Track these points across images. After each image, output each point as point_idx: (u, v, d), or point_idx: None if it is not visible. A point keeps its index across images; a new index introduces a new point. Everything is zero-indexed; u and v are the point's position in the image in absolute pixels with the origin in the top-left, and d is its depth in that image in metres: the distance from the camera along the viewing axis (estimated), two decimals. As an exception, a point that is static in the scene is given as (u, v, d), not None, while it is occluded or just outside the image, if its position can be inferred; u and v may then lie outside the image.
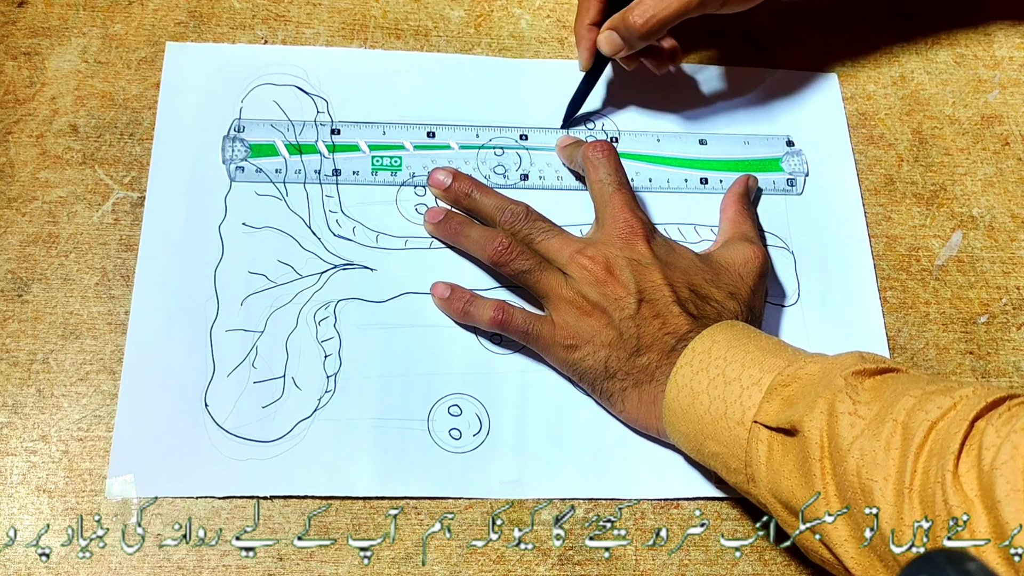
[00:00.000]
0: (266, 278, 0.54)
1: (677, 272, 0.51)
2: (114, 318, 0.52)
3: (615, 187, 0.54)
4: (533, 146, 0.59)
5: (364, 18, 0.62)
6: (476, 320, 0.53)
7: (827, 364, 0.45)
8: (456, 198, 0.56)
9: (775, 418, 0.44)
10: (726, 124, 0.62)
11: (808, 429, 0.43)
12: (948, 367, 0.56)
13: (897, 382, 0.43)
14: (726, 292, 0.52)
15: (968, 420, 0.39)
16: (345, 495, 0.49)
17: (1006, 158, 0.63)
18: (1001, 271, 0.59)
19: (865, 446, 0.41)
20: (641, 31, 0.54)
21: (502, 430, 0.52)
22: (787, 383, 0.45)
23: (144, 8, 0.61)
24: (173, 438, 0.50)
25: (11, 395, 0.50)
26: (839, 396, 0.43)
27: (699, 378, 0.47)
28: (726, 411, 0.46)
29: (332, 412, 0.51)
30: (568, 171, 0.59)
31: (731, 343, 0.48)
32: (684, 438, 0.48)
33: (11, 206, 0.54)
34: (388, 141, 0.58)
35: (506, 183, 0.58)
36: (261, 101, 0.59)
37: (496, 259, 0.53)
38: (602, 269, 0.51)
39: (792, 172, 0.60)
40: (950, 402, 0.40)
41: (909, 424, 0.40)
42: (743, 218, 0.56)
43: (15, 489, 0.48)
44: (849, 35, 0.65)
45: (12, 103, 0.57)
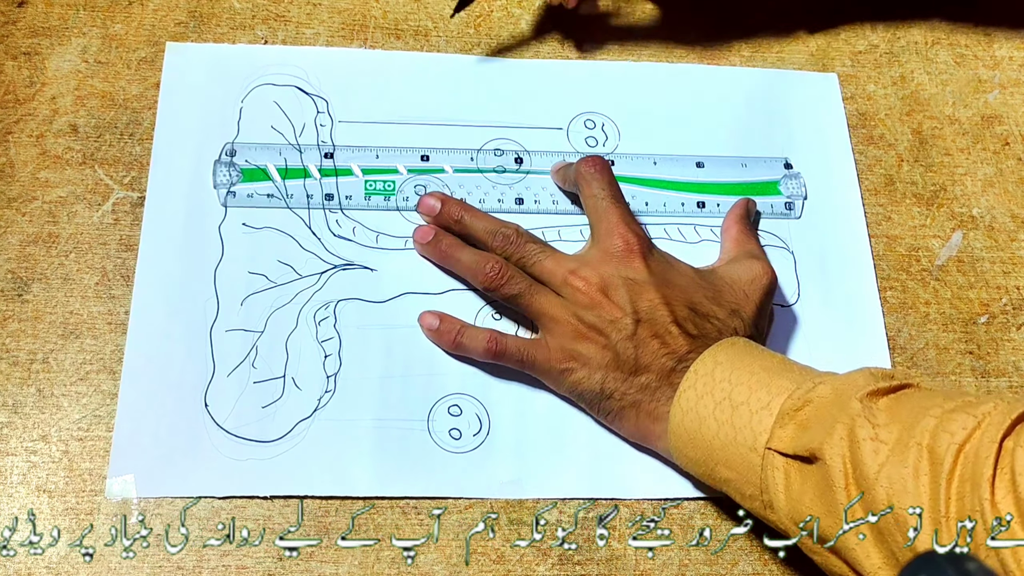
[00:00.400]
0: (266, 278, 0.54)
1: (675, 290, 0.51)
2: (114, 318, 0.52)
3: (609, 201, 0.53)
4: (529, 169, 0.59)
5: (364, 18, 0.62)
6: (469, 351, 0.52)
7: (839, 385, 0.44)
8: (446, 223, 0.55)
9: (790, 445, 0.43)
10: (726, 124, 0.62)
11: (829, 457, 0.42)
12: (948, 367, 0.56)
13: (912, 400, 0.42)
14: (729, 309, 0.51)
15: (996, 442, 0.38)
16: (345, 495, 0.49)
17: (1006, 158, 0.63)
18: (1001, 271, 0.59)
19: (893, 474, 0.40)
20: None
21: (502, 430, 0.52)
22: (799, 407, 0.44)
23: (144, 8, 0.61)
24: (173, 438, 0.50)
25: (11, 395, 0.50)
26: (858, 421, 0.42)
27: (704, 402, 0.46)
28: (736, 436, 0.45)
29: (332, 412, 0.51)
30: (563, 194, 0.58)
31: (735, 364, 0.47)
32: (693, 463, 0.48)
33: (11, 206, 0.54)
34: (381, 165, 0.57)
35: (500, 208, 0.57)
36: (261, 101, 0.59)
37: (488, 284, 0.52)
38: (597, 290, 0.50)
39: (790, 195, 0.60)
40: (973, 421, 0.39)
41: (935, 448, 0.39)
42: (746, 237, 0.56)
43: (15, 489, 0.48)
44: (849, 35, 0.65)
45: (12, 103, 0.57)
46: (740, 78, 0.63)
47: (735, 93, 0.63)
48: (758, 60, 0.64)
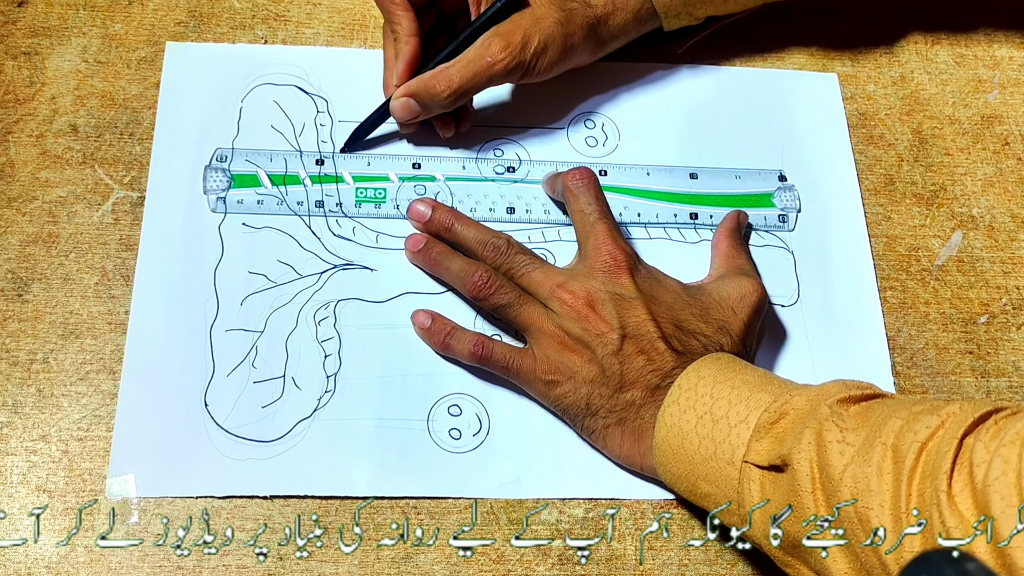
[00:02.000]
0: (266, 278, 0.54)
1: (662, 307, 0.50)
2: (114, 318, 0.52)
3: (597, 216, 0.53)
4: (520, 179, 0.58)
5: (364, 18, 0.62)
6: (456, 353, 0.52)
7: (812, 395, 0.44)
8: (436, 231, 0.55)
9: (766, 456, 0.43)
10: (726, 125, 0.62)
11: (797, 462, 0.42)
12: (948, 367, 0.56)
13: (883, 406, 0.42)
14: (716, 326, 0.51)
15: (957, 438, 0.38)
16: (345, 495, 0.49)
17: (1006, 158, 0.63)
18: (1001, 271, 0.59)
19: (857, 473, 0.40)
20: (444, 100, 0.54)
21: (502, 430, 0.52)
22: (775, 420, 0.44)
23: (144, 8, 0.61)
24: (173, 438, 0.50)
25: (11, 395, 0.50)
26: (826, 425, 0.42)
27: (687, 416, 0.46)
28: (715, 451, 0.45)
29: (332, 412, 0.51)
30: (554, 203, 0.58)
31: (717, 378, 0.47)
32: (676, 479, 0.48)
33: (11, 206, 0.54)
34: (373, 172, 0.57)
35: (491, 216, 0.57)
36: (261, 101, 0.59)
37: (476, 293, 0.52)
38: (584, 304, 0.50)
39: (784, 208, 0.59)
40: (937, 421, 0.40)
41: (899, 447, 0.40)
42: (737, 252, 0.55)
43: (15, 489, 0.48)
44: (849, 35, 0.65)
45: (12, 103, 0.57)
46: (740, 78, 0.63)
47: (735, 93, 0.63)
48: (758, 60, 0.64)
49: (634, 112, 0.61)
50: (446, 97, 0.54)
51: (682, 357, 0.49)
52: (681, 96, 0.62)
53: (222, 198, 0.55)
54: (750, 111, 0.62)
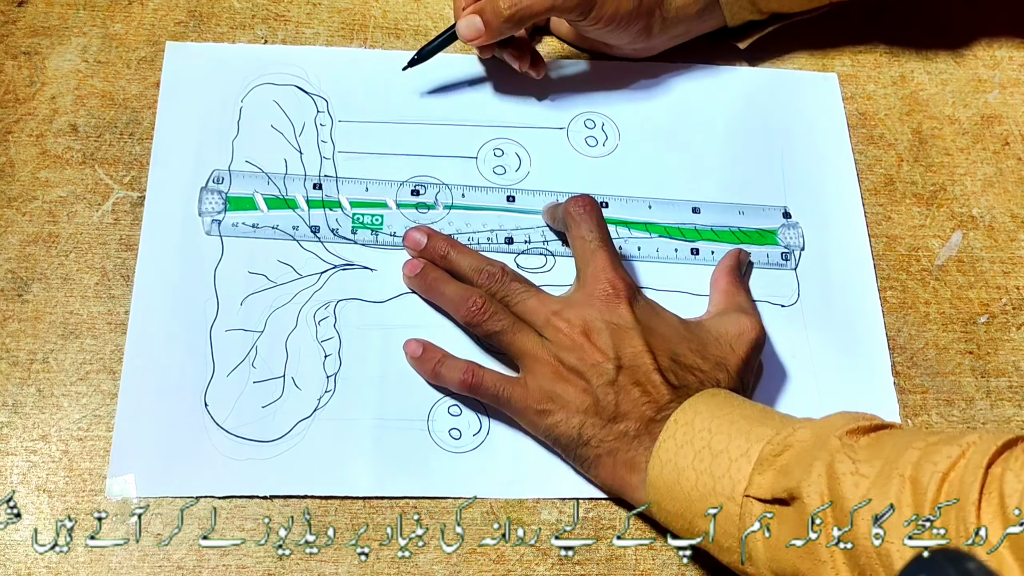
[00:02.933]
0: (266, 278, 0.54)
1: (659, 339, 0.50)
2: (114, 318, 0.52)
3: (597, 244, 0.52)
4: (520, 208, 0.58)
5: (364, 18, 0.62)
6: (446, 382, 0.51)
7: (818, 428, 0.43)
8: (432, 258, 0.54)
9: (769, 490, 0.42)
10: (726, 124, 0.62)
11: (807, 495, 0.41)
12: (948, 367, 0.56)
13: (895, 437, 0.42)
14: (713, 362, 0.50)
15: (982, 467, 0.37)
16: (345, 495, 0.49)
17: (1006, 158, 0.63)
18: (1001, 271, 0.59)
19: (875, 507, 0.39)
20: (506, 17, 0.53)
21: (502, 430, 0.52)
22: (778, 452, 0.43)
23: (144, 8, 0.61)
24: (173, 438, 0.50)
25: (11, 395, 0.50)
26: (838, 456, 0.41)
27: (683, 452, 0.45)
28: (714, 486, 0.44)
29: (332, 412, 0.51)
30: (554, 233, 0.57)
31: (715, 413, 0.46)
32: (672, 517, 0.46)
33: (11, 206, 0.54)
34: (370, 198, 0.57)
35: (490, 246, 0.56)
36: (261, 100, 0.59)
37: (470, 319, 0.51)
38: (579, 333, 0.50)
39: (788, 245, 0.58)
40: (958, 451, 0.39)
41: (918, 478, 0.39)
42: (736, 289, 0.54)
43: (15, 489, 0.48)
44: (849, 35, 0.65)
45: (12, 103, 0.57)
46: (740, 78, 0.63)
47: (735, 93, 0.63)
48: (758, 60, 0.64)
49: (634, 112, 0.61)
50: (509, 15, 0.53)
51: (678, 391, 0.48)
52: (681, 96, 0.62)
53: (217, 221, 0.55)
54: (750, 111, 0.62)
